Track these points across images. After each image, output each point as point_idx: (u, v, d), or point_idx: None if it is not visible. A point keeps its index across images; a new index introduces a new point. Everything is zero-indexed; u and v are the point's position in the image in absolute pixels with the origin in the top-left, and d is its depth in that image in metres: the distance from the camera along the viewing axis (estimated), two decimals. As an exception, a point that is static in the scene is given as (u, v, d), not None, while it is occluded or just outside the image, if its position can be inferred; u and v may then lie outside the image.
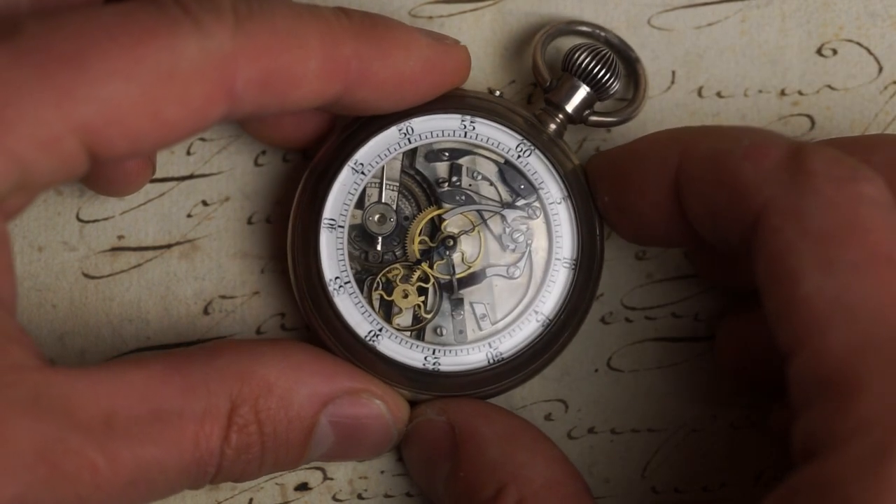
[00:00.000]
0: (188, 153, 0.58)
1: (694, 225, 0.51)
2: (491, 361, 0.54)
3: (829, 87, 0.59)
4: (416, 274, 0.55)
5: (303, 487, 0.58)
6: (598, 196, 0.55)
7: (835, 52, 0.58)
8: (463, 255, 0.55)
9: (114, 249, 0.58)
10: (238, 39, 0.46)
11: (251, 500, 0.57)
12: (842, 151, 0.50)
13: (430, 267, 0.55)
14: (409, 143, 0.54)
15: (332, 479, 0.58)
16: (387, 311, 0.55)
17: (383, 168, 0.55)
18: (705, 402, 0.58)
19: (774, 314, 0.46)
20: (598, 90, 0.55)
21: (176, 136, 0.46)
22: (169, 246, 0.58)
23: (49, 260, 0.57)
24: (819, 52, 0.58)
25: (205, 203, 0.58)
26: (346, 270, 0.54)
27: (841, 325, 0.44)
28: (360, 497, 0.58)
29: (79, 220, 0.58)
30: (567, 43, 0.57)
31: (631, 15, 0.58)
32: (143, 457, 0.46)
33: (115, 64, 0.44)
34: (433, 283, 0.55)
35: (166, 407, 0.47)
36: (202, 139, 0.58)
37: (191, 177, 0.58)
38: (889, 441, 0.41)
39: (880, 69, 0.59)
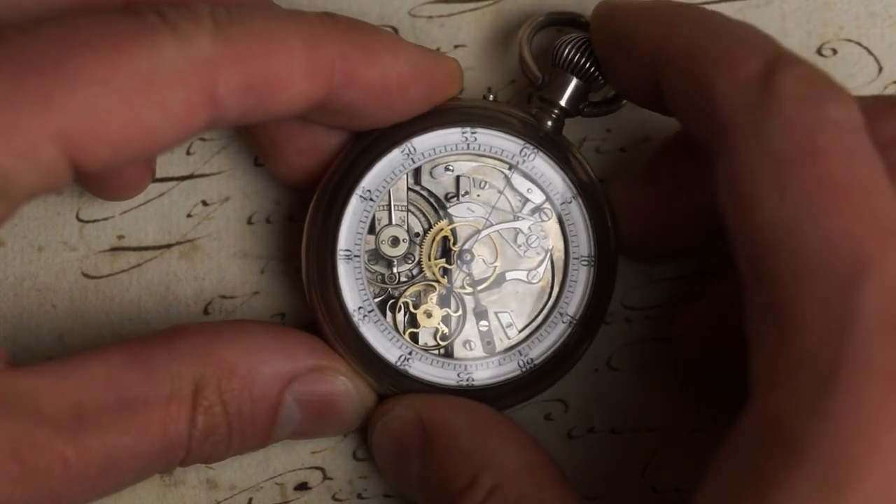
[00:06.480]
0: (188, 153, 0.58)
1: (673, 114, 0.50)
2: (523, 369, 0.54)
3: (830, 86, 0.58)
4: (435, 290, 0.55)
5: (302, 487, 0.58)
6: (593, 38, 0.54)
7: (835, 51, 0.58)
8: (472, 275, 0.55)
9: (114, 249, 0.58)
10: (218, 44, 0.46)
11: (251, 499, 0.58)
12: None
13: (447, 280, 0.55)
14: (413, 162, 0.54)
15: (331, 478, 0.58)
16: (414, 333, 0.55)
17: (390, 190, 0.54)
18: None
19: (734, 239, 0.44)
20: (589, 81, 0.55)
21: (159, 144, 0.46)
22: (169, 246, 0.58)
23: (49, 260, 0.57)
24: (819, 51, 0.58)
25: (205, 203, 0.58)
26: (367, 299, 0.53)
27: (789, 253, 0.42)
28: (359, 497, 0.58)
29: (79, 219, 0.58)
30: (554, 35, 0.56)
31: (632, 14, 0.58)
32: (113, 445, 0.46)
33: (92, 71, 0.44)
34: (455, 299, 0.55)
35: (131, 394, 0.47)
36: (202, 139, 0.58)
37: (191, 177, 0.58)
38: (828, 373, 0.41)
39: (880, 69, 0.58)
